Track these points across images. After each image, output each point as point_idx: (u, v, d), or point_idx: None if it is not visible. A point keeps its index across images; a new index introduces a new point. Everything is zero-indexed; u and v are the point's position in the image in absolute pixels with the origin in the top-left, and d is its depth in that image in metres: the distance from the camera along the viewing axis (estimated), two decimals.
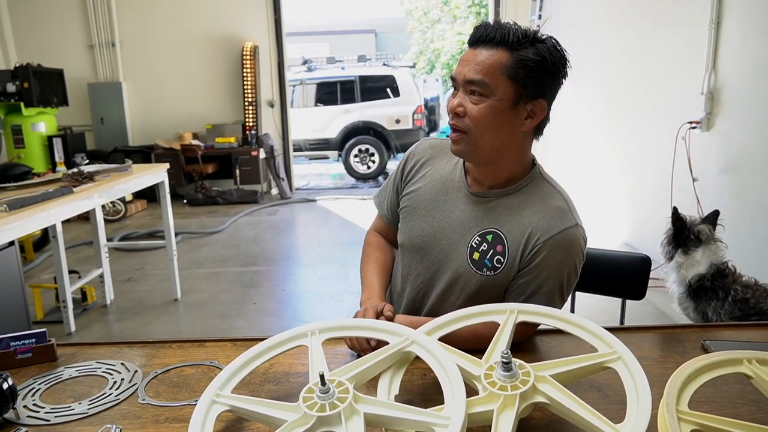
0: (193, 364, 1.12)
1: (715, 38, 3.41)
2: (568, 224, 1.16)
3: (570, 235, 1.16)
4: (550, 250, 1.15)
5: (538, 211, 1.18)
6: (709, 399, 0.93)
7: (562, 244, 1.15)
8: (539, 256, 1.15)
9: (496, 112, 1.12)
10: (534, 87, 1.13)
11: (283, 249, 5.23)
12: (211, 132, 7.45)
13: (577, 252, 1.18)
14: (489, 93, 1.11)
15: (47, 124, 6.29)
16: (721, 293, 2.16)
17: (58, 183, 2.96)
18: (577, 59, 4.67)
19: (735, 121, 3.34)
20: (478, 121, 1.13)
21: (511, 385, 0.82)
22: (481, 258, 1.20)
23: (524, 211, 1.19)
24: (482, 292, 1.20)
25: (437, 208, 1.28)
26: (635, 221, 4.61)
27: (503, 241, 1.18)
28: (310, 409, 0.80)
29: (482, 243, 1.20)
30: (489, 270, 1.19)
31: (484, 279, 1.19)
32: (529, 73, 1.11)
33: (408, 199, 1.34)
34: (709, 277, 2.22)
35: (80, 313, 3.60)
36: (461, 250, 1.22)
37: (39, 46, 7.27)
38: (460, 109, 1.14)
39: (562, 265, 1.16)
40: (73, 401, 1.00)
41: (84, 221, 5.74)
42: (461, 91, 1.15)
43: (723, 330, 1.25)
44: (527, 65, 1.10)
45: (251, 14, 7.48)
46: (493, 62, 1.11)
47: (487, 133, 1.14)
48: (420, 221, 1.29)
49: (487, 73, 1.11)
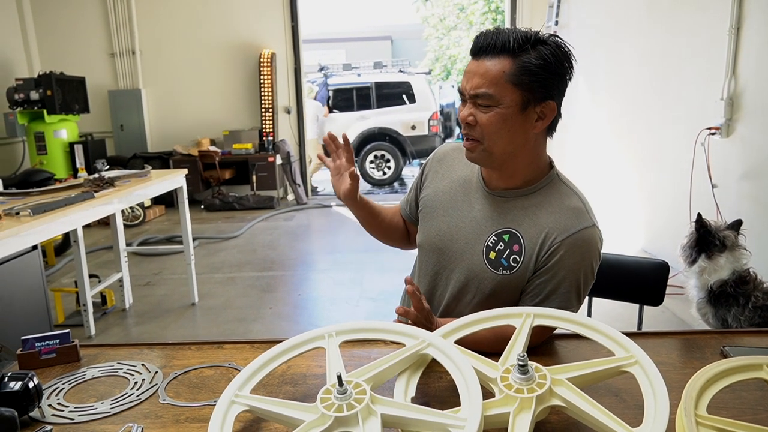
0: (211, 366, 1.14)
1: (734, 44, 3.38)
2: (585, 224, 1.17)
3: (587, 235, 1.16)
4: (567, 249, 1.15)
5: (555, 211, 1.19)
6: (729, 405, 0.92)
7: (578, 243, 1.16)
8: (556, 255, 1.16)
9: (506, 119, 1.14)
10: (540, 90, 1.13)
11: (299, 254, 5.26)
12: (229, 138, 7.53)
13: (593, 252, 1.18)
14: (496, 103, 1.13)
15: (69, 130, 6.41)
16: (742, 299, 2.14)
17: (80, 188, 3.01)
18: (594, 65, 4.68)
19: (755, 127, 3.30)
20: (489, 129, 1.15)
21: (528, 388, 0.82)
22: (498, 257, 1.20)
23: (541, 212, 1.19)
24: (498, 291, 1.21)
25: (455, 208, 1.30)
26: (653, 228, 4.57)
27: (520, 240, 1.19)
28: (327, 409, 0.81)
29: (498, 242, 1.21)
30: (505, 269, 1.20)
31: (500, 278, 1.20)
32: (534, 77, 1.12)
33: (427, 200, 1.37)
34: (731, 283, 2.19)
35: (100, 316, 3.66)
36: (477, 249, 1.23)
37: (62, 55, 7.42)
38: (471, 119, 1.16)
39: (578, 266, 1.16)
40: (96, 401, 1.02)
41: (104, 226, 5.82)
42: (469, 103, 1.17)
43: (743, 336, 1.24)
44: (531, 70, 1.11)
45: (268, 21, 7.57)
46: (496, 72, 1.11)
47: (499, 140, 1.16)
48: (438, 221, 1.32)
49: (491, 85, 1.12)
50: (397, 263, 4.79)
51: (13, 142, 6.76)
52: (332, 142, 1.37)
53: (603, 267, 1.88)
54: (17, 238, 2.28)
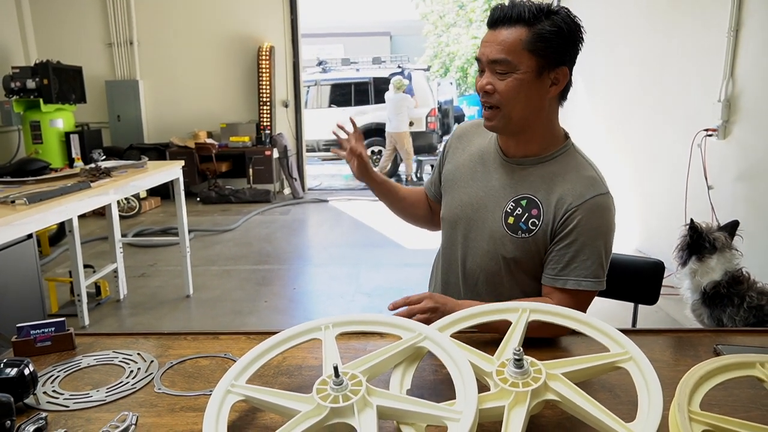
0: (207, 356, 1.14)
1: (733, 46, 3.39)
2: (600, 191, 1.22)
3: (602, 201, 1.21)
4: (584, 215, 1.19)
5: (571, 179, 1.23)
6: (721, 402, 0.93)
7: (594, 209, 1.20)
8: (573, 221, 1.20)
9: (523, 84, 1.18)
10: (554, 56, 1.19)
11: (295, 248, 5.26)
12: (226, 131, 7.51)
13: (609, 218, 1.22)
14: (513, 69, 1.18)
15: (65, 120, 6.38)
16: (737, 300, 2.15)
17: (76, 178, 3.00)
18: (592, 66, 4.68)
19: (753, 130, 3.31)
20: (507, 95, 1.19)
21: (523, 382, 0.83)
22: (516, 222, 1.25)
23: (557, 179, 1.24)
24: (519, 255, 1.25)
25: (474, 179, 1.35)
26: (648, 228, 4.59)
27: (538, 205, 1.24)
28: (323, 400, 0.81)
29: (516, 208, 1.26)
30: (524, 233, 1.24)
31: (520, 242, 1.24)
32: (548, 44, 1.17)
33: (448, 174, 1.42)
34: (724, 284, 2.21)
35: (94, 307, 3.65)
36: (497, 216, 1.28)
37: (59, 44, 7.38)
38: (489, 87, 1.20)
39: (596, 231, 1.20)
40: (91, 389, 1.02)
41: (99, 217, 5.81)
42: (487, 71, 1.21)
43: (736, 335, 1.25)
44: (545, 37, 1.17)
45: (268, 15, 7.54)
46: (513, 40, 1.17)
47: (517, 104, 1.20)
48: (459, 192, 1.37)
49: (509, 51, 1.17)
50: (392, 259, 4.80)
51: (8, 130, 6.73)
52: (341, 129, 1.46)
53: None
54: (12, 226, 2.27)
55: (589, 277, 1.20)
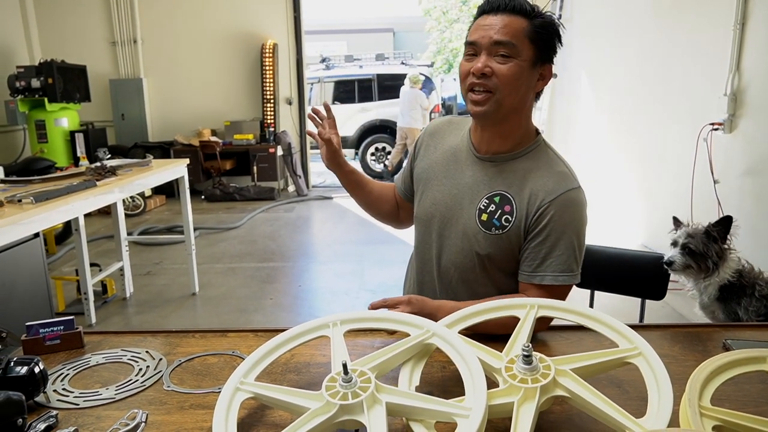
0: (215, 354, 1.14)
1: (739, 39, 3.37)
2: (571, 186, 1.22)
3: (573, 196, 1.21)
4: (557, 210, 1.20)
5: (542, 175, 1.23)
6: (731, 397, 0.93)
7: (566, 203, 1.20)
8: (546, 216, 1.20)
9: (521, 72, 1.19)
10: (547, 51, 1.22)
11: (300, 246, 5.26)
12: (230, 129, 7.51)
13: (581, 213, 1.23)
14: (516, 54, 1.18)
15: (70, 119, 6.39)
16: (749, 289, 2.13)
17: (82, 177, 3.01)
18: (597, 59, 4.67)
19: (759, 123, 3.29)
20: (507, 79, 1.18)
21: (532, 378, 0.83)
22: (489, 218, 1.25)
23: (530, 175, 1.24)
24: (493, 252, 1.25)
25: (447, 177, 1.34)
26: (654, 223, 4.57)
27: (511, 201, 1.24)
28: (332, 397, 0.81)
29: (490, 204, 1.25)
30: (498, 229, 1.24)
31: (494, 238, 1.24)
32: (544, 38, 1.20)
33: (421, 172, 1.41)
34: (735, 279, 2.16)
35: (100, 305, 3.67)
36: (470, 213, 1.27)
37: (63, 43, 7.39)
38: (488, 69, 1.18)
39: (569, 226, 1.20)
40: (100, 387, 1.02)
41: (104, 215, 5.82)
42: (484, 54, 1.19)
43: (745, 330, 1.24)
44: (543, 30, 1.19)
45: (271, 12, 7.54)
46: (517, 26, 1.18)
47: (512, 91, 1.20)
48: (433, 190, 1.36)
49: (514, 35, 1.17)
50: (397, 255, 4.79)
51: (13, 130, 6.75)
52: (316, 115, 1.43)
53: (605, 260, 1.89)
54: (19, 225, 2.28)
55: (565, 271, 1.20)
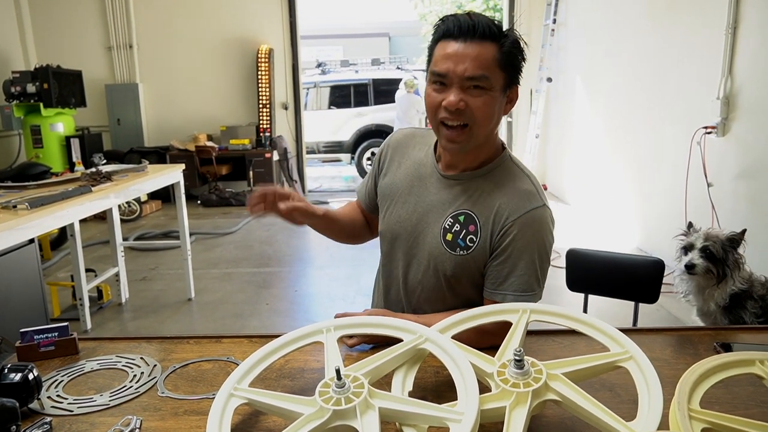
0: (210, 360, 1.15)
1: (731, 43, 3.40)
2: (536, 204, 1.20)
3: (538, 215, 1.19)
4: (520, 229, 1.18)
5: (507, 192, 1.21)
6: (721, 400, 0.94)
7: (530, 222, 1.18)
8: (509, 235, 1.18)
9: (495, 102, 1.16)
10: (514, 74, 1.18)
11: (296, 250, 5.26)
12: (226, 134, 7.52)
13: (546, 231, 1.21)
14: (490, 86, 1.13)
15: (65, 124, 6.38)
16: (750, 293, 2.14)
17: (77, 182, 3.01)
18: (592, 63, 4.69)
19: (752, 127, 3.32)
20: (483, 113, 1.15)
21: (524, 383, 0.83)
22: (454, 238, 1.23)
23: (495, 193, 1.22)
24: (459, 273, 1.23)
25: (412, 194, 1.31)
26: (648, 226, 4.59)
27: (475, 221, 1.22)
28: (326, 402, 0.81)
29: (455, 224, 1.23)
30: (462, 249, 1.22)
31: (459, 259, 1.22)
32: (512, 61, 1.16)
33: (385, 188, 1.39)
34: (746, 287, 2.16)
35: (96, 311, 3.66)
36: (435, 233, 1.25)
37: (58, 48, 7.39)
38: (462, 104, 1.13)
39: (531, 245, 1.19)
40: (94, 393, 1.02)
41: (100, 221, 5.82)
42: (456, 88, 1.13)
43: (736, 333, 1.25)
44: (512, 54, 1.15)
45: (267, 17, 7.55)
46: (488, 56, 1.12)
47: (487, 123, 1.17)
48: (397, 208, 1.33)
49: (487, 68, 1.12)
50: None
51: (8, 135, 6.74)
52: (262, 201, 1.39)
53: (599, 264, 1.90)
54: (14, 231, 2.27)
55: (526, 291, 1.18)
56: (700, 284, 2.19)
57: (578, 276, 1.91)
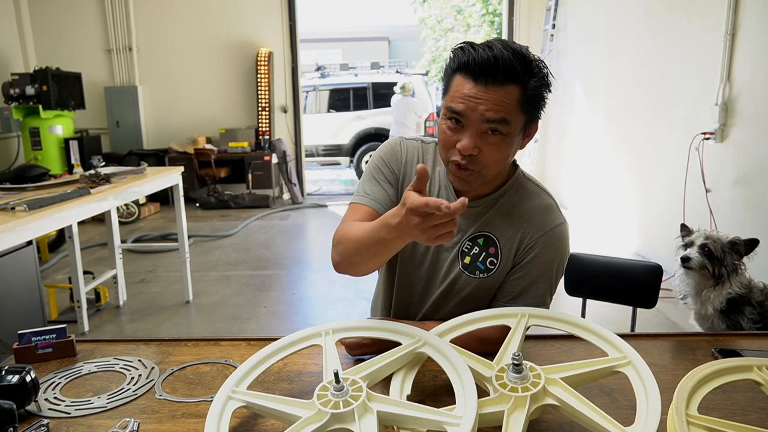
0: (208, 362, 1.14)
1: (730, 49, 3.41)
2: (558, 221, 1.19)
3: (560, 232, 1.19)
4: (543, 246, 1.17)
5: (528, 210, 1.20)
6: (719, 406, 0.94)
7: (553, 240, 1.18)
8: (532, 252, 1.18)
9: (511, 146, 1.10)
10: (537, 112, 1.11)
11: (294, 253, 5.26)
12: (225, 136, 7.52)
13: (566, 248, 1.21)
14: (507, 131, 1.06)
15: (64, 126, 6.38)
16: (749, 298, 2.14)
17: (76, 184, 3.01)
18: (591, 69, 4.69)
19: (750, 132, 3.32)
20: (495, 159, 1.09)
21: (522, 387, 0.84)
22: (473, 261, 1.21)
23: (514, 212, 1.20)
24: (475, 294, 1.22)
25: None
26: (647, 231, 4.60)
27: (495, 243, 1.20)
28: (324, 406, 0.81)
29: (473, 247, 1.21)
30: (482, 272, 1.20)
31: (477, 282, 1.21)
32: (536, 101, 1.09)
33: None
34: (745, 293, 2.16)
35: (93, 313, 3.65)
36: (452, 256, 1.23)
37: (58, 50, 7.40)
38: (476, 150, 1.07)
39: (552, 263, 1.19)
40: (92, 395, 1.02)
41: (98, 223, 5.82)
42: (472, 131, 1.06)
43: (734, 339, 1.25)
44: (536, 94, 1.07)
45: (266, 21, 7.56)
46: (511, 99, 1.04)
47: (499, 167, 1.13)
48: None
49: (508, 112, 1.04)
50: None
51: (7, 137, 6.74)
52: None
53: (597, 268, 1.91)
54: (12, 233, 2.27)
55: (540, 305, 1.17)
56: (698, 283, 2.19)
57: (576, 280, 1.91)
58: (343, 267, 1.14)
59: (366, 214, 1.20)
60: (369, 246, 1.03)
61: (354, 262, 1.10)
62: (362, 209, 1.21)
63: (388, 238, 0.97)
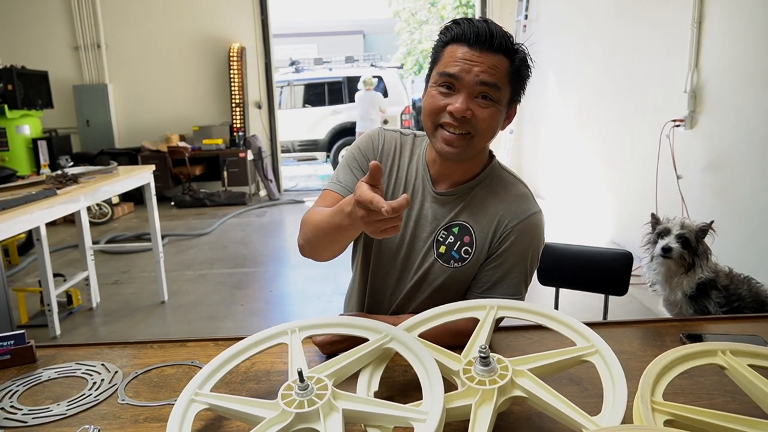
0: (173, 364, 1.12)
1: (697, 37, 3.45)
2: (534, 210, 1.19)
3: (535, 221, 1.19)
4: (518, 235, 1.17)
5: (503, 199, 1.20)
6: (686, 390, 0.94)
7: (528, 229, 1.18)
8: (507, 241, 1.17)
9: (499, 116, 1.12)
10: (519, 91, 1.15)
11: (272, 250, 5.21)
12: (198, 134, 7.42)
13: (541, 237, 1.21)
14: (497, 98, 1.09)
15: (32, 126, 6.24)
16: (715, 282, 2.16)
17: (42, 185, 2.93)
18: (563, 59, 4.72)
19: (718, 119, 3.37)
20: (487, 125, 1.10)
21: (490, 380, 0.83)
22: (448, 251, 1.20)
23: (490, 200, 1.20)
24: (448, 284, 1.21)
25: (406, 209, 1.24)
26: (621, 219, 4.65)
27: (470, 231, 1.19)
28: (288, 406, 0.79)
29: (448, 236, 1.20)
30: (457, 262, 1.20)
31: (452, 271, 1.20)
32: (520, 77, 1.13)
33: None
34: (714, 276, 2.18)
35: (66, 316, 3.57)
36: (427, 246, 1.22)
37: (23, 48, 7.21)
38: (469, 113, 1.08)
39: (526, 251, 1.18)
40: (51, 402, 0.99)
41: (70, 224, 5.70)
42: (465, 94, 1.08)
43: (702, 323, 1.27)
44: (520, 71, 1.12)
45: (238, 15, 7.46)
46: (503, 67, 1.09)
47: (489, 136, 1.13)
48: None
49: (500, 78, 1.09)
50: None
51: None
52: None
53: (568, 257, 1.91)
54: None
55: (514, 295, 1.16)
56: (671, 270, 2.20)
57: (548, 270, 1.92)
58: (306, 251, 1.20)
59: (335, 200, 1.20)
60: (326, 231, 1.08)
61: (314, 246, 1.16)
62: (331, 195, 1.24)
63: (343, 225, 1.01)
